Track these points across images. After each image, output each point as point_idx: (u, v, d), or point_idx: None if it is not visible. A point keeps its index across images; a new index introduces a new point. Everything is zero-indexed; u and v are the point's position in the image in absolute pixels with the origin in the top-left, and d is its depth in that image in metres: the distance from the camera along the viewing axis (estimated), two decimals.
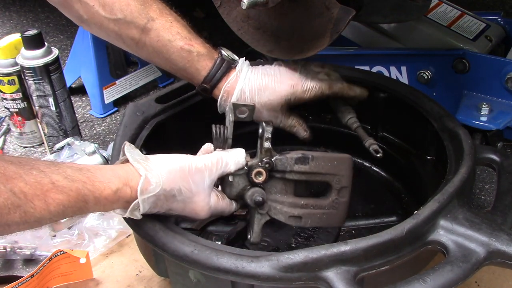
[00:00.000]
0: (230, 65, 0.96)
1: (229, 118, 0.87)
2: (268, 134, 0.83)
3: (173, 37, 0.94)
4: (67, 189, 0.70)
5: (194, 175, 0.79)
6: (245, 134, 0.96)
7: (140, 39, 0.94)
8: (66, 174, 0.71)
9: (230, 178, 0.83)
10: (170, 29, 0.94)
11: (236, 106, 0.88)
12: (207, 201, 0.81)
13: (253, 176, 0.83)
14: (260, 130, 0.85)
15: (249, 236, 0.86)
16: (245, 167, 0.83)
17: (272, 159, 0.83)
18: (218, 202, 0.83)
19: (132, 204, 0.75)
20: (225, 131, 0.84)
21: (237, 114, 0.88)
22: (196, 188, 0.79)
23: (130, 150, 0.79)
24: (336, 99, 1.03)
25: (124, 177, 0.75)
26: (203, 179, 0.80)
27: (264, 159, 0.83)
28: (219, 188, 0.86)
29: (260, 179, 0.83)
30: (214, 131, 0.84)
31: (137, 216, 0.78)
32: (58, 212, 0.70)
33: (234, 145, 0.85)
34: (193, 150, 0.88)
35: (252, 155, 0.86)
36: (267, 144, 0.83)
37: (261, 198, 0.82)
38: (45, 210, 0.68)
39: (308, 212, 0.85)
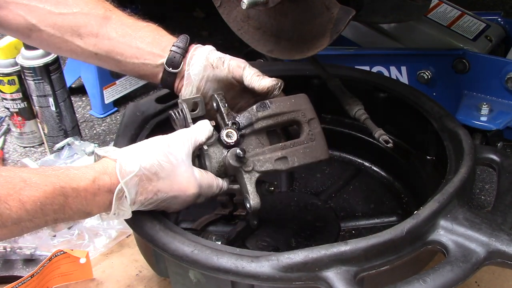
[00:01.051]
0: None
1: (183, 106, 0.87)
2: (223, 101, 0.85)
3: (136, 20, 0.91)
4: (41, 184, 0.67)
5: (169, 148, 0.78)
6: None
7: (100, 30, 0.88)
8: (37, 172, 0.69)
9: (205, 147, 0.83)
10: (130, 16, 0.92)
11: (186, 101, 0.88)
12: (190, 171, 0.79)
13: (225, 137, 0.83)
14: (215, 104, 0.86)
15: (248, 205, 0.83)
16: (214, 133, 0.84)
17: (236, 118, 0.85)
18: (203, 175, 0.81)
19: (116, 191, 0.72)
20: (184, 111, 0.85)
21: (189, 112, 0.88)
22: (175, 159, 0.78)
23: (101, 148, 0.78)
24: (343, 92, 1.03)
25: (99, 167, 0.74)
26: (178, 149, 0.78)
27: (229, 122, 0.84)
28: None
29: (233, 139, 0.83)
30: (173, 115, 0.85)
31: (126, 209, 0.75)
32: (36, 211, 0.67)
33: None
34: None
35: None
36: (225, 109, 0.84)
37: (240, 151, 0.81)
38: (22, 210, 0.66)
39: (290, 151, 0.85)
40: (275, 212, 1.07)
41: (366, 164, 1.22)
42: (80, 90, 1.65)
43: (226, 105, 0.86)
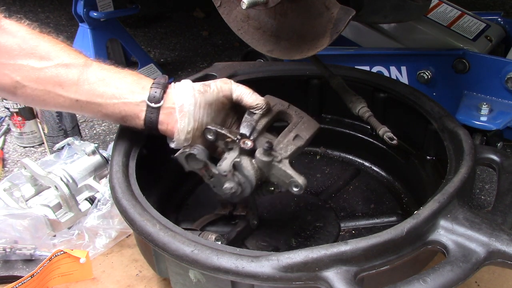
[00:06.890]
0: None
1: (197, 146, 0.91)
2: (218, 127, 0.90)
3: (117, 66, 0.93)
4: None
5: None
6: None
7: (80, 77, 0.89)
8: None
9: (238, 160, 0.87)
10: (111, 65, 0.94)
11: (181, 158, 0.91)
12: None
13: (244, 146, 0.88)
14: (210, 136, 0.90)
15: (295, 188, 0.85)
16: (232, 148, 0.89)
17: (240, 132, 0.90)
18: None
19: None
20: (200, 147, 0.89)
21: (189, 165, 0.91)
22: None
23: None
24: (346, 90, 1.03)
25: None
26: None
27: (236, 137, 0.89)
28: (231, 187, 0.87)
29: (250, 144, 0.88)
30: (192, 152, 0.89)
31: None
32: None
33: None
34: None
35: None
36: (225, 130, 0.90)
37: (267, 144, 0.85)
38: None
39: (297, 130, 0.92)
40: (275, 212, 1.07)
41: (366, 164, 1.22)
42: None
43: (223, 127, 0.91)
